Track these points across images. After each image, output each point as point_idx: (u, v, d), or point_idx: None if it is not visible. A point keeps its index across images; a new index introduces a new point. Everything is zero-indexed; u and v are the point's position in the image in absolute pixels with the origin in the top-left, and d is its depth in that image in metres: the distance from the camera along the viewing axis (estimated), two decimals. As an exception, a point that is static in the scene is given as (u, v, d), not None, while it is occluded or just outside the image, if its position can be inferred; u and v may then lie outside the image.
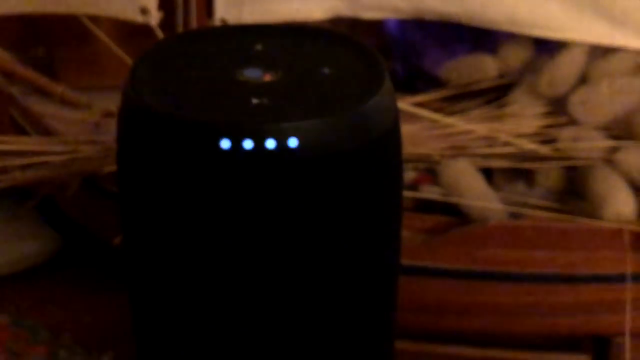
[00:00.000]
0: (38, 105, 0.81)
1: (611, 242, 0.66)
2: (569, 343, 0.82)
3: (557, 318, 0.70)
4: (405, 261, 0.70)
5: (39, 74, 0.87)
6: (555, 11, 0.70)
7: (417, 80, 0.85)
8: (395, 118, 0.50)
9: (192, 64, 0.51)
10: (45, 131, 0.79)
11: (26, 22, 0.95)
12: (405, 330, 0.78)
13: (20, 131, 0.83)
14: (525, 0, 0.70)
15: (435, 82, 0.82)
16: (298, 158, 0.44)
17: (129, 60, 0.70)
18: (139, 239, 0.53)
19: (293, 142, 0.43)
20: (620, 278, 0.70)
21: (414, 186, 0.75)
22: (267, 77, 0.49)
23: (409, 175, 0.77)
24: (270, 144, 0.42)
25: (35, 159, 0.74)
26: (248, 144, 0.42)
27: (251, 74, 0.49)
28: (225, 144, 0.42)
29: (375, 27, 0.92)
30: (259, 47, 0.53)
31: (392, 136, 0.49)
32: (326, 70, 0.49)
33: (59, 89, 0.83)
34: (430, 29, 0.85)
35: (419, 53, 0.87)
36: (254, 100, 0.45)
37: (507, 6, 0.70)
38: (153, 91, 0.48)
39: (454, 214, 0.72)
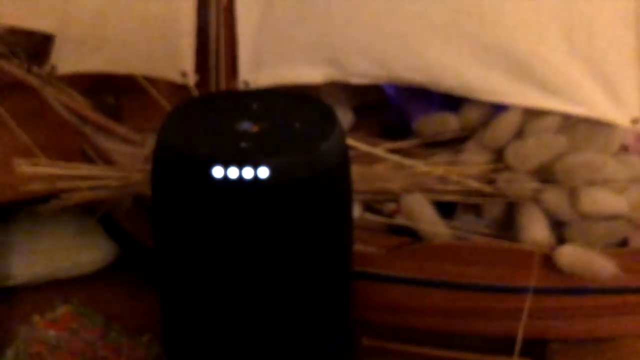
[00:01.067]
0: (104, 142, 0.96)
1: (527, 261, 0.81)
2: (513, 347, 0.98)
3: (489, 322, 0.83)
4: (371, 269, 0.88)
5: (106, 117, 0.98)
6: (498, 81, 0.84)
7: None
8: (343, 156, 0.67)
9: (207, 117, 0.70)
10: (108, 161, 0.93)
11: (100, 75, 1.03)
12: (370, 327, 0.90)
13: (89, 161, 1.00)
14: (475, 72, 0.83)
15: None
16: (268, 184, 0.63)
17: (172, 110, 0.89)
18: (162, 246, 0.69)
19: (264, 172, 0.62)
20: (537, 290, 0.86)
21: (390, 214, 0.94)
22: (255, 128, 0.68)
23: (389, 206, 0.95)
24: (248, 172, 0.62)
25: (98, 182, 0.93)
26: (232, 172, 0.62)
27: (245, 126, 0.69)
28: (216, 172, 0.62)
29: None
30: (254, 106, 0.73)
31: (341, 169, 0.66)
32: (296, 124, 0.68)
33: (121, 130, 0.97)
34: (411, 91, 1.03)
35: (403, 108, 1.05)
36: (242, 144, 0.65)
37: (461, 76, 0.84)
38: (176, 136, 0.66)
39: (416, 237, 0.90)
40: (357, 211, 0.90)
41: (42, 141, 1.00)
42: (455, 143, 0.90)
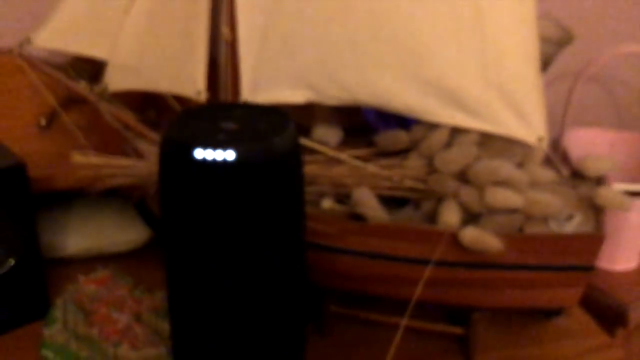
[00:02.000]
0: (141, 144, 1.16)
1: (440, 239, 1.02)
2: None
3: (416, 289, 1.03)
4: (329, 244, 1.11)
5: (146, 126, 1.18)
6: (433, 105, 1.05)
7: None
8: (294, 148, 0.90)
9: (201, 119, 0.97)
10: (141, 157, 1.25)
11: (145, 96, 1.24)
12: (333, 294, 1.13)
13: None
14: (415, 97, 1.05)
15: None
16: (234, 163, 0.89)
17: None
18: (163, 217, 0.92)
19: (231, 155, 0.88)
20: (449, 263, 1.05)
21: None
22: (233, 127, 0.95)
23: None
24: (220, 154, 0.88)
25: (132, 171, 1.19)
26: (209, 155, 0.88)
27: (225, 125, 0.96)
28: (197, 153, 0.88)
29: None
30: (237, 113, 1.00)
31: (291, 158, 0.88)
32: (262, 125, 0.94)
33: (155, 136, 1.14)
34: (381, 116, 1.24)
35: (372, 126, 1.29)
36: (220, 136, 0.91)
37: (405, 101, 1.06)
38: (175, 130, 0.91)
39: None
40: (328, 203, 1.16)
41: (94, 142, 1.28)
42: (405, 153, 1.15)
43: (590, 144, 1.63)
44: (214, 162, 0.86)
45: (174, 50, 1.15)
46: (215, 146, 0.86)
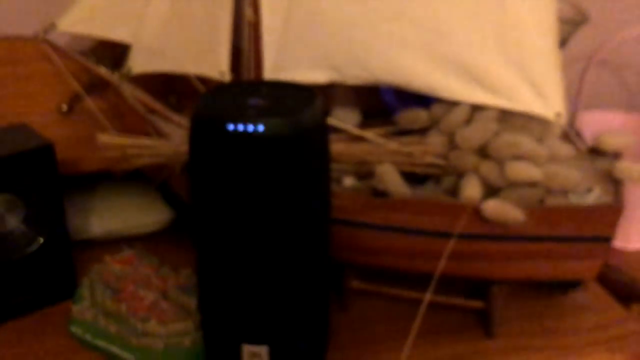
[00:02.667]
0: (164, 126, 1.19)
1: (462, 212, 1.04)
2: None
3: (438, 262, 1.05)
4: (352, 218, 1.14)
5: (167, 109, 1.22)
6: (452, 83, 1.08)
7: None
8: (321, 122, 0.94)
9: (231, 95, 1.00)
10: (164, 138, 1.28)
11: (166, 80, 1.27)
12: (355, 269, 1.16)
13: None
14: (435, 76, 1.08)
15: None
16: (264, 137, 0.91)
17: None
18: (194, 187, 0.96)
19: (261, 127, 0.91)
20: (471, 236, 1.07)
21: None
22: (261, 103, 0.98)
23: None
24: (250, 127, 0.90)
25: (156, 151, 1.22)
26: (240, 128, 0.91)
27: (254, 101, 0.98)
28: (230, 127, 0.91)
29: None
30: (264, 90, 1.02)
31: (317, 132, 0.91)
32: (289, 101, 0.97)
33: (177, 118, 1.19)
34: (400, 98, 1.26)
35: (391, 107, 1.32)
36: (250, 111, 0.94)
37: (425, 79, 1.09)
38: (206, 106, 0.95)
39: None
40: (350, 180, 1.19)
41: (118, 126, 1.30)
42: (425, 132, 1.18)
43: (601, 126, 1.66)
44: (245, 135, 0.89)
45: (198, 33, 1.17)
46: (245, 120, 0.89)
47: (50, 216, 1.20)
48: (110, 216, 1.39)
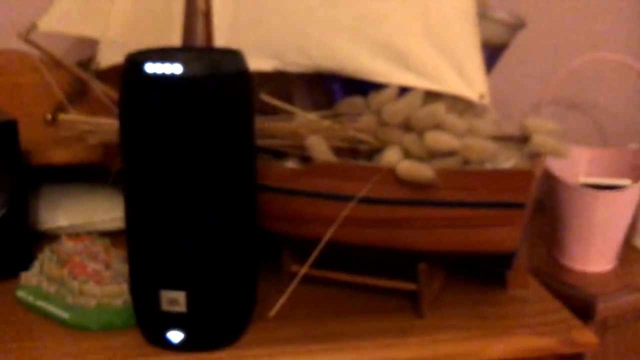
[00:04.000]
0: None
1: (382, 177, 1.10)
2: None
3: (364, 230, 1.10)
4: (279, 185, 1.19)
5: None
6: (382, 66, 1.14)
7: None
8: (242, 71, 1.00)
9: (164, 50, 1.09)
10: None
11: None
12: (287, 245, 1.21)
13: None
14: (367, 60, 1.14)
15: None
16: (181, 77, 0.99)
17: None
18: (123, 142, 1.02)
19: (178, 68, 0.99)
20: (389, 201, 1.11)
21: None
22: (187, 54, 1.06)
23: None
24: (168, 67, 0.98)
25: (108, 127, 1.32)
26: (158, 68, 0.98)
27: (181, 52, 1.07)
28: (148, 67, 0.99)
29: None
30: (195, 49, 1.11)
31: (239, 78, 1.00)
32: (215, 55, 1.05)
33: None
34: (343, 88, 1.36)
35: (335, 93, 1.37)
36: (172, 57, 1.02)
37: (357, 63, 1.15)
38: (135, 54, 1.03)
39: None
40: (293, 163, 1.24)
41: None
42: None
43: (569, 161, 1.69)
44: (162, 76, 0.97)
45: (155, 24, 1.28)
46: (163, 60, 0.97)
47: (11, 191, 1.28)
48: (78, 209, 1.45)
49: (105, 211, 1.47)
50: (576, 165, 1.68)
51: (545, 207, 1.54)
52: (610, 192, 1.46)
